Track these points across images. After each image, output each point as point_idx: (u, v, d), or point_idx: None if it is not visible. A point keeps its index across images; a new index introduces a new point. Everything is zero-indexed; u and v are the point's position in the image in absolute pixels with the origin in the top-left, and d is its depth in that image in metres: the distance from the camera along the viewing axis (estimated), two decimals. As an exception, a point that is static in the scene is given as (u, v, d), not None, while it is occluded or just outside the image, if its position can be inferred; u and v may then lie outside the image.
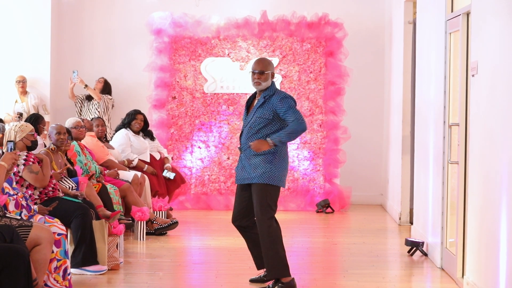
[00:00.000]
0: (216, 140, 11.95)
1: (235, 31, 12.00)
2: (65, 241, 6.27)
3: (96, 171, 8.88)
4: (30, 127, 7.18)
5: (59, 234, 6.23)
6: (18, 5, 12.30)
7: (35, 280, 5.49)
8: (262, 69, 6.83)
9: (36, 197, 7.08)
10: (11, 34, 12.30)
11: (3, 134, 7.60)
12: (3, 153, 6.85)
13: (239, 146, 6.92)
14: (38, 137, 7.93)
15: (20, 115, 11.43)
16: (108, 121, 11.98)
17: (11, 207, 6.19)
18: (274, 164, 6.72)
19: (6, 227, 5.53)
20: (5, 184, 6.18)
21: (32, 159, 7.02)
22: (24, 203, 6.33)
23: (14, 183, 6.55)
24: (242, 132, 6.94)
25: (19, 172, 6.95)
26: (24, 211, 6.29)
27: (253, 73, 6.86)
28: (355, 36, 12.35)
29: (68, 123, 9.11)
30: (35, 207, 6.51)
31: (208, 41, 12.04)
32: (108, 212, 7.88)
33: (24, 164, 6.97)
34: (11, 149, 6.03)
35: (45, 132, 9.88)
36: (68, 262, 6.28)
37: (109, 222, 7.52)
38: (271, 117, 6.76)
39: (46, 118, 11.33)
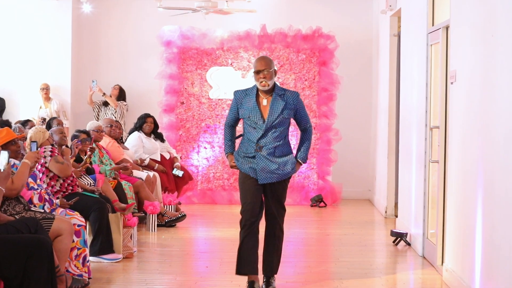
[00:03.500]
0: (220, 141, 11.95)
1: (237, 42, 12.00)
2: (84, 232, 6.28)
3: (105, 173, 8.69)
4: (47, 133, 7.21)
5: (79, 225, 6.24)
6: (42, 20, 12.37)
7: (57, 267, 5.51)
8: (266, 67, 5.77)
9: (58, 188, 7.12)
10: (36, 46, 12.35)
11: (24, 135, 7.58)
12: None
13: (257, 146, 5.85)
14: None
15: (44, 120, 11.44)
16: (124, 125, 11.98)
17: (35, 199, 6.22)
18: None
19: (31, 219, 5.55)
20: (30, 179, 6.20)
21: (56, 152, 7.14)
22: (46, 197, 6.35)
23: (38, 180, 6.56)
24: (242, 131, 6.03)
25: (46, 163, 7.01)
26: (47, 204, 6.31)
27: (258, 72, 5.75)
28: (346, 47, 12.34)
29: (90, 126, 9.11)
30: (57, 201, 6.54)
31: (213, 52, 12.04)
32: (123, 205, 7.89)
33: (50, 156, 7.04)
34: (36, 148, 6.03)
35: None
36: (87, 251, 6.28)
37: (124, 214, 7.53)
38: (293, 116, 5.95)
39: (66, 123, 11.40)
